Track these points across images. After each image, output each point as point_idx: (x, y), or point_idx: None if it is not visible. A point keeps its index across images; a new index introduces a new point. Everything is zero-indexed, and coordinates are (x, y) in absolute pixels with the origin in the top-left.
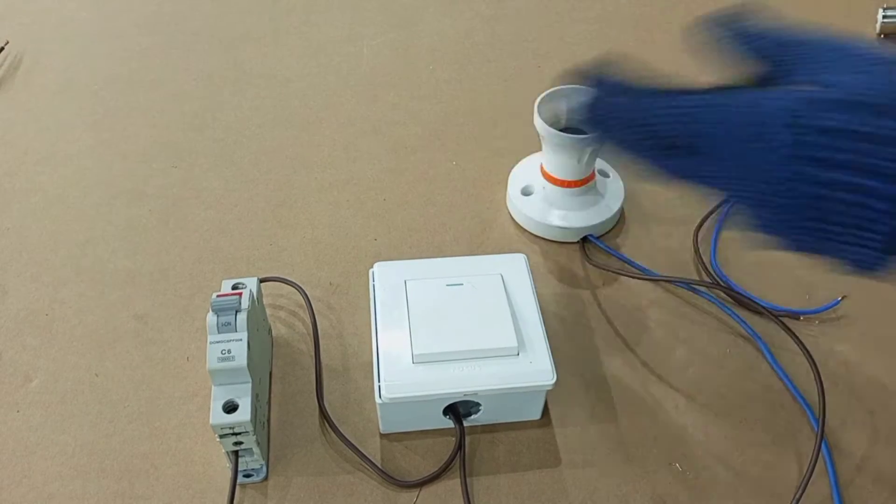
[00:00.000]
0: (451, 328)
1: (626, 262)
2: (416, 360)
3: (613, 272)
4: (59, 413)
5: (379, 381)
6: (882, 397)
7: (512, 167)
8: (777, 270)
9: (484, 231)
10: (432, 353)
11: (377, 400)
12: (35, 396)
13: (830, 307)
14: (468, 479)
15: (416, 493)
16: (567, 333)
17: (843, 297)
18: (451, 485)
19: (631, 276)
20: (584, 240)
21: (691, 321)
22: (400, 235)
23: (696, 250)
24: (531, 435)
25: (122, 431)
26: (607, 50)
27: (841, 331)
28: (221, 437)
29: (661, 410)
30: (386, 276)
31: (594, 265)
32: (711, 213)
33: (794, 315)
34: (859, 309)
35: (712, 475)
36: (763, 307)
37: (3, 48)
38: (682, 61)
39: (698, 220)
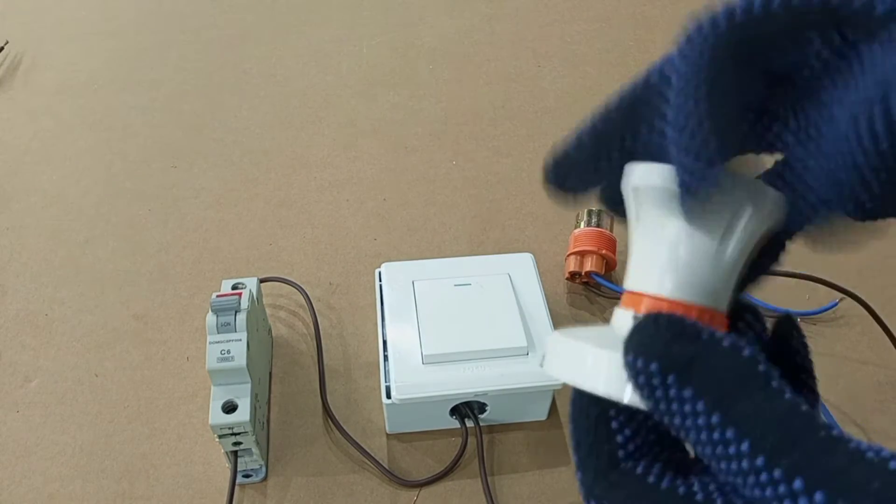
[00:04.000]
0: (460, 328)
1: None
2: (426, 360)
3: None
4: (59, 413)
5: (388, 382)
6: (880, 398)
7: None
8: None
9: (484, 231)
10: (442, 353)
11: (385, 400)
12: (35, 396)
13: (830, 308)
14: (470, 480)
15: (416, 492)
16: None
17: (841, 298)
18: (452, 485)
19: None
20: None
21: None
22: (400, 235)
23: None
24: (537, 435)
25: (122, 431)
26: (607, 49)
27: (840, 332)
28: (220, 437)
29: None
30: (393, 277)
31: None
32: None
33: (793, 316)
34: (858, 310)
35: None
36: (762, 308)
37: (2, 48)
38: None
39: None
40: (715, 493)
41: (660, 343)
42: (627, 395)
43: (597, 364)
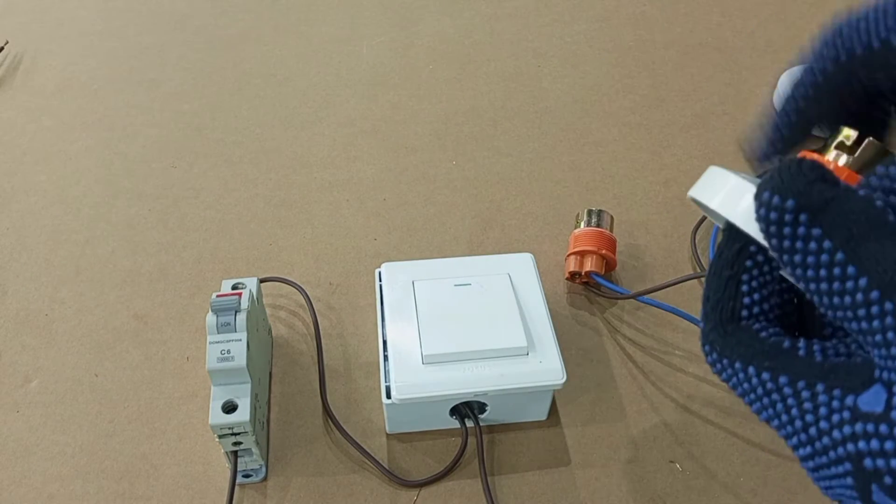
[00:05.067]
0: (461, 328)
1: (628, 296)
2: (426, 360)
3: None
4: (59, 413)
5: (388, 382)
6: None
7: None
8: None
9: (484, 231)
10: (442, 353)
11: (385, 400)
12: (35, 396)
13: None
14: (470, 480)
15: (416, 492)
16: (571, 333)
17: None
18: (452, 485)
19: (633, 298)
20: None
21: (693, 320)
22: (400, 235)
23: (694, 250)
24: (537, 435)
25: (122, 431)
26: (607, 49)
27: None
28: (220, 437)
29: (662, 410)
30: (393, 277)
31: (605, 297)
32: None
33: None
34: None
35: (712, 475)
36: None
37: (2, 48)
38: (681, 61)
39: (696, 221)
40: (817, 351)
41: (801, 183)
42: (749, 223)
43: (733, 190)
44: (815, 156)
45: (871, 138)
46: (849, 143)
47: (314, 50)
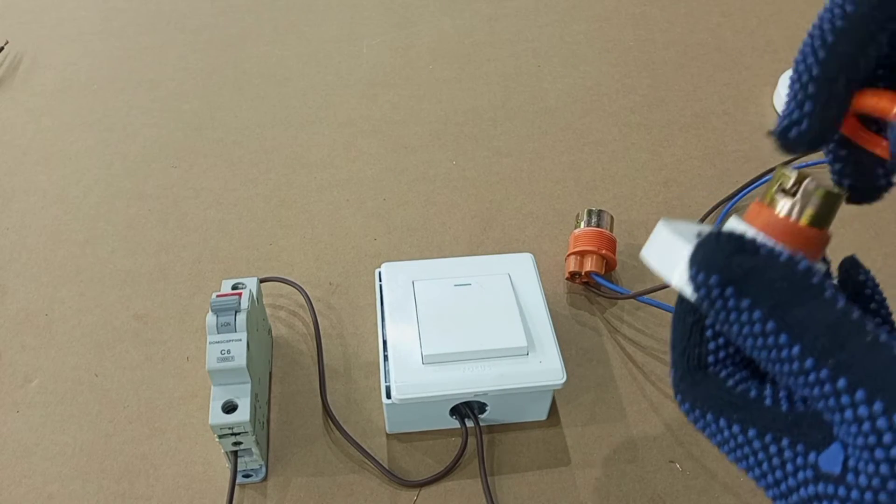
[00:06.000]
0: (461, 328)
1: (628, 296)
2: (426, 360)
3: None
4: (59, 413)
5: (388, 382)
6: None
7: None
8: None
9: (484, 231)
10: (442, 353)
11: (385, 400)
12: (35, 396)
13: None
14: (471, 480)
15: (416, 492)
16: (571, 333)
17: None
18: (452, 485)
19: (633, 298)
20: (587, 283)
21: None
22: (400, 235)
23: None
24: (537, 435)
25: (122, 431)
26: (607, 49)
27: None
28: (220, 437)
29: (662, 410)
30: (393, 277)
31: (605, 296)
32: (709, 213)
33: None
34: None
35: (712, 475)
36: None
37: (2, 48)
38: (681, 61)
39: (697, 221)
40: (783, 399)
41: (721, 257)
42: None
43: (678, 262)
44: (755, 208)
45: (809, 178)
46: (788, 185)
47: (314, 50)
